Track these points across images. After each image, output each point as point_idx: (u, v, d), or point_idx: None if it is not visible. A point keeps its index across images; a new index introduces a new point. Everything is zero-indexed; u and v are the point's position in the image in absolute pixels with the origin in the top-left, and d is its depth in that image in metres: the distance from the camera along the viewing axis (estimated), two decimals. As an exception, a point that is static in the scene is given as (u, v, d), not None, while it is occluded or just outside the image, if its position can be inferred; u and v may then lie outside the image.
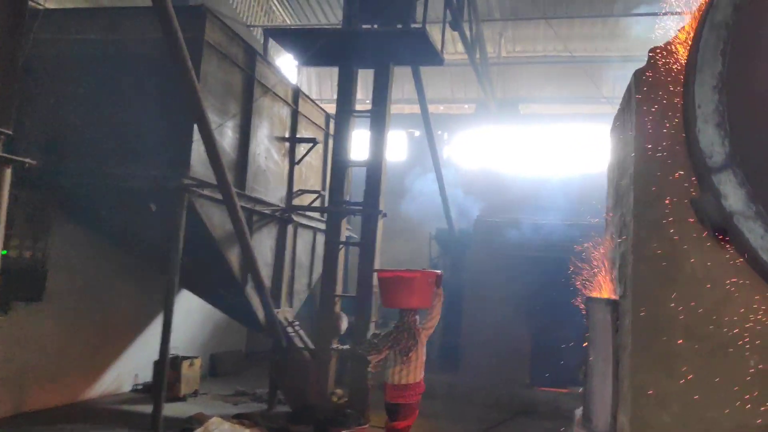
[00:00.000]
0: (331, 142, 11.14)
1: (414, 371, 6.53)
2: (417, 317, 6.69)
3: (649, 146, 3.53)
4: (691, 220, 3.41)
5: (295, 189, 10.03)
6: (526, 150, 16.41)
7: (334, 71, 19.17)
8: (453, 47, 16.76)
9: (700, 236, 3.41)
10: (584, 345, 4.91)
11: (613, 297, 4.25)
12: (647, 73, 3.63)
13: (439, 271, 7.03)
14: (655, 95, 3.56)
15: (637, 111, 3.62)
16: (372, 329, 9.24)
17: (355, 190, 10.30)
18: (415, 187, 16.45)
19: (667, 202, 3.48)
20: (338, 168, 9.45)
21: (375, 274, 6.94)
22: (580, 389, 11.64)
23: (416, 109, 17.85)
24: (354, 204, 9.50)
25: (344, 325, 9.39)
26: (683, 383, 3.42)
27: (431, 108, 18.24)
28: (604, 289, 4.75)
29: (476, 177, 15.30)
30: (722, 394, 3.34)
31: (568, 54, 16.93)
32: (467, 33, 11.87)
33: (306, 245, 10.72)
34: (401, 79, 13.65)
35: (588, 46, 17.29)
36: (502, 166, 16.31)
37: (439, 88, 18.47)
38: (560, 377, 11.80)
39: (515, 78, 17.45)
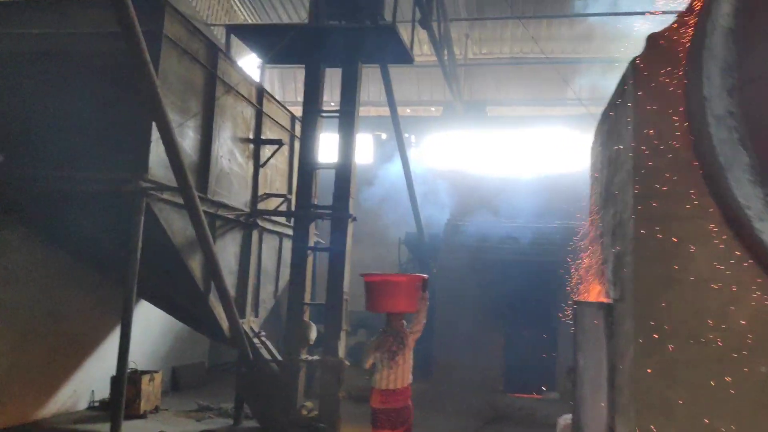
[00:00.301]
0: (297, 144, 10.83)
1: (402, 376, 6.62)
2: (404, 321, 6.77)
3: (650, 137, 3.31)
4: (697, 217, 3.20)
5: (260, 193, 9.66)
6: (495, 152, 16.32)
7: (298, 73, 19.01)
8: (419, 48, 16.60)
9: (707, 234, 3.19)
10: (574, 351, 4.70)
11: (606, 300, 4.02)
12: (646, 60, 3.42)
13: (425, 275, 7.01)
14: (655, 83, 3.34)
15: (635, 101, 3.40)
16: (342, 338, 8.92)
17: (322, 193, 9.98)
18: (382, 190, 16.23)
19: (670, 197, 3.26)
20: (305, 170, 9.11)
21: (362, 278, 6.84)
22: (553, 394, 11.59)
23: (382, 111, 17.66)
24: (322, 208, 9.16)
25: (313, 334, 9.03)
26: (690, 392, 3.20)
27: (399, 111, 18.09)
28: (593, 291, 4.53)
29: (445, 180, 15.09)
30: (732, 403, 3.13)
31: (535, 55, 16.94)
32: (435, 32, 11.68)
33: (272, 251, 10.35)
34: (366, 80, 13.38)
35: (555, 47, 17.29)
36: (471, 169, 16.18)
37: (405, 91, 18.26)
38: (535, 383, 11.66)
39: (481, 80, 17.37)
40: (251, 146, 9.42)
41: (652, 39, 3.40)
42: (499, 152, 16.30)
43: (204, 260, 7.69)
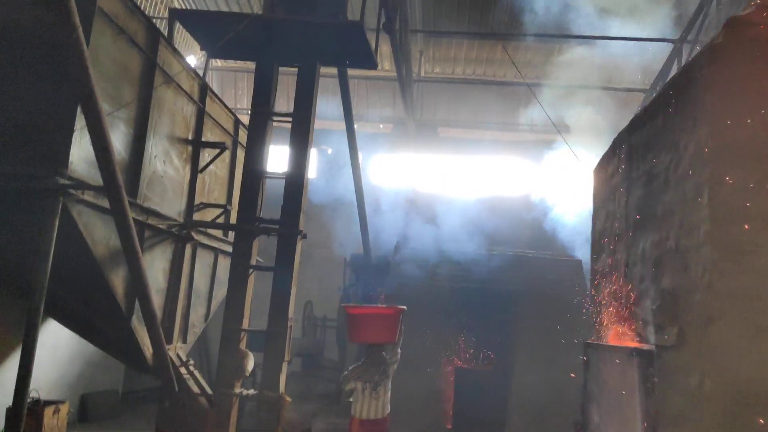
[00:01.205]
0: (240, 152, 9.90)
1: (383, 406, 7.21)
2: (384, 352, 7.41)
3: (732, 140, 2.65)
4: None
5: (196, 201, 8.65)
6: (447, 174, 15.81)
7: (239, 78, 18.01)
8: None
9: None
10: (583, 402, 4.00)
11: (643, 346, 3.33)
12: (722, 47, 2.77)
13: (404, 307, 7.77)
14: (738, 71, 2.69)
15: (710, 93, 2.74)
16: (284, 370, 7.97)
17: (265, 207, 9.07)
18: (327, 208, 15.41)
19: (757, 217, 2.60)
20: (251, 179, 8.19)
21: (345, 310, 7.93)
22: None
23: (328, 124, 16.91)
24: (268, 222, 8.24)
25: (250, 364, 8.03)
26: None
27: (343, 126, 17.34)
28: (613, 333, 3.85)
29: (394, 200, 14.42)
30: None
31: (489, 78, 16.62)
32: (398, 39, 11.04)
33: (206, 269, 9.30)
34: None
35: (508, 72, 17.02)
36: (421, 189, 15.59)
37: (354, 104, 17.57)
38: (485, 421, 10.98)
39: (434, 99, 16.87)
40: (190, 149, 8.43)
41: (735, 23, 2.76)
42: (453, 174, 15.80)
43: (129, 276, 6.63)
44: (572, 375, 7.89)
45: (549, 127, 16.73)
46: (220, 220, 9.37)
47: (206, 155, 8.90)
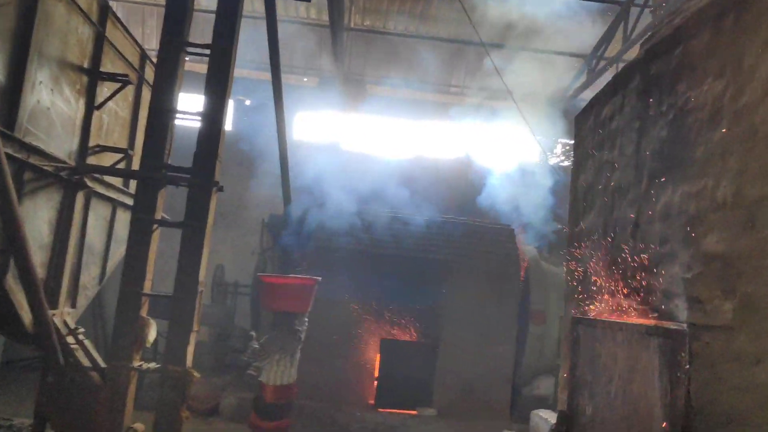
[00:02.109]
0: (146, 91, 8.69)
1: (294, 371, 7.78)
2: (296, 320, 7.86)
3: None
4: None
5: (92, 143, 7.43)
6: (375, 134, 14.99)
7: (149, 13, 16.33)
8: (294, 9, 14.87)
9: None
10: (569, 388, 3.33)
11: (667, 323, 2.65)
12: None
13: (318, 278, 8.44)
14: None
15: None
16: (192, 342, 7.01)
17: (176, 157, 7.97)
18: (243, 164, 14.32)
19: None
20: (159, 119, 7.08)
21: (261, 279, 8.23)
22: (430, 410, 10.38)
23: (246, 72, 15.70)
24: (178, 170, 7.16)
25: (152, 334, 7.03)
26: None
27: (265, 75, 16.15)
28: (615, 307, 3.18)
29: (319, 159, 13.47)
30: None
31: (423, 35, 15.81)
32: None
33: (101, 223, 8.11)
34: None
35: (442, 29, 16.25)
36: (349, 149, 14.73)
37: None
38: (408, 397, 10.42)
39: (363, 54, 15.86)
40: (85, 79, 7.18)
41: None
42: (380, 134, 15.00)
43: (1, 225, 5.47)
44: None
45: (484, 90, 16.24)
46: (121, 166, 8.18)
47: (105, 90, 7.66)
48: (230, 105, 14.65)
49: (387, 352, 10.54)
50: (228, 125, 14.82)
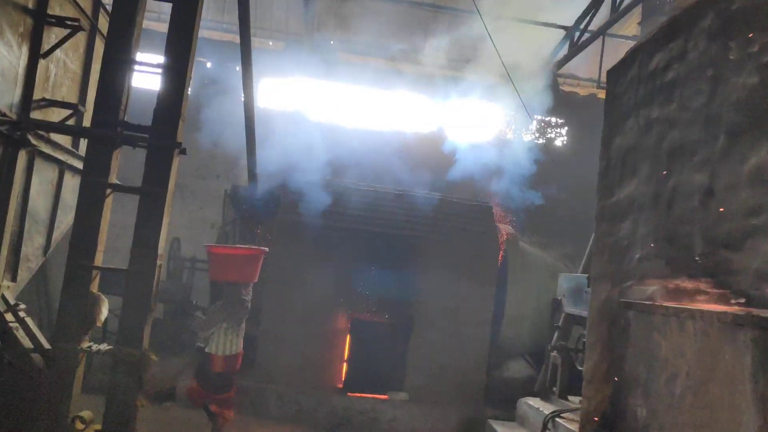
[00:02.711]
0: (99, 43, 7.89)
1: (240, 342, 7.78)
2: (243, 290, 7.76)
3: None
4: None
5: (37, 96, 6.63)
6: (346, 103, 14.31)
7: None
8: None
9: None
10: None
11: (762, 311, 2.14)
12: None
13: (266, 248, 8.34)
14: None
15: None
16: (149, 321, 6.33)
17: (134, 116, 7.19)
18: (203, 130, 13.45)
19: None
20: (114, 68, 6.30)
21: (208, 249, 8.15)
22: (401, 394, 9.88)
23: (206, 33, 14.79)
24: (135, 129, 6.41)
25: (103, 312, 6.32)
26: None
27: (227, 37, 15.27)
28: (675, 290, 2.66)
29: (285, 128, 12.74)
30: None
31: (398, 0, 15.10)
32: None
33: (47, 187, 7.32)
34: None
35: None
36: (318, 119, 14.02)
37: (235, 14, 15.46)
38: (379, 381, 9.92)
39: (333, 17, 15.07)
40: (29, 21, 6.35)
41: None
42: (350, 102, 14.33)
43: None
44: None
45: (457, 61, 15.68)
46: (72, 123, 7.37)
47: (53, 37, 6.84)
48: (190, 67, 13.91)
49: (357, 332, 10.01)
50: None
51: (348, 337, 10.00)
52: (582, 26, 12.41)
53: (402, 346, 10.01)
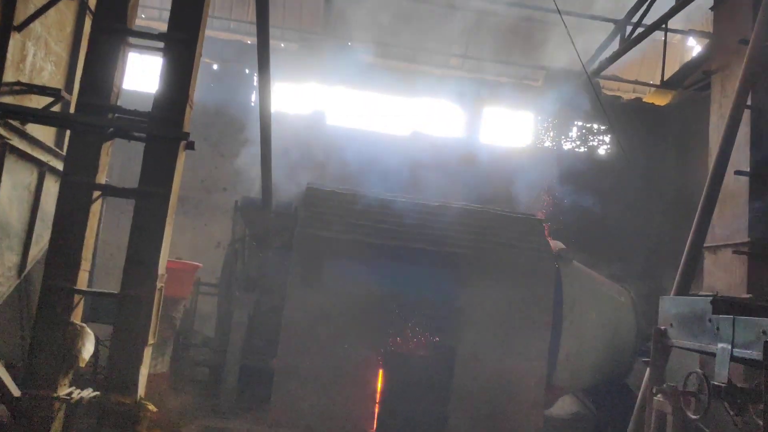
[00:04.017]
0: (88, 20, 6.70)
1: (167, 359, 8.21)
2: None
3: None
4: None
5: (10, 78, 5.42)
6: (373, 108, 13.13)
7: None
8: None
9: None
10: None
11: None
12: None
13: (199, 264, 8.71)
14: None
15: None
16: (146, 359, 5.04)
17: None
18: (208, 139, 12.32)
19: None
20: (105, 41, 5.09)
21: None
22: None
23: (213, 33, 13.77)
24: (131, 115, 5.17)
25: (87, 348, 5.02)
26: None
27: (235, 37, 14.17)
28: None
29: (302, 133, 11.56)
30: None
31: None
32: None
33: (22, 193, 6.07)
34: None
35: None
36: (339, 123, 12.81)
37: (244, 12, 14.39)
38: (417, 425, 8.53)
39: (358, 13, 13.84)
40: (-1, -17, 5.15)
41: None
42: (374, 105, 13.16)
43: None
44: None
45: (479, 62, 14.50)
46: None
47: (31, 7, 5.64)
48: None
49: (391, 367, 8.65)
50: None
51: (380, 372, 8.65)
52: (634, 20, 11.19)
53: (443, 384, 8.65)
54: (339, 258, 8.67)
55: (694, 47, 14.87)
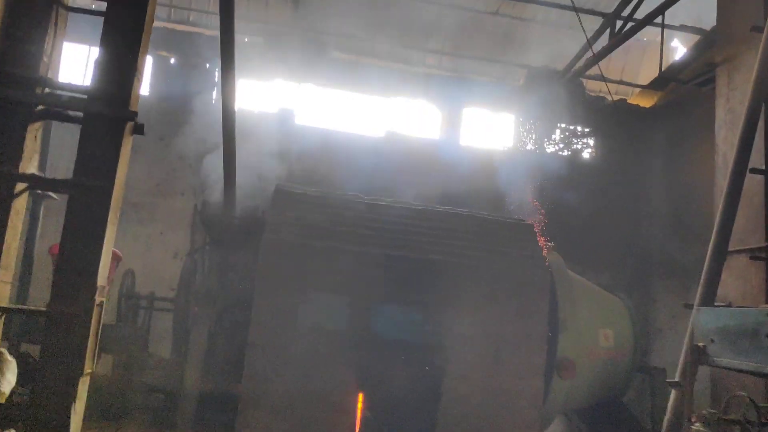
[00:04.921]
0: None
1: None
2: None
3: None
4: None
5: None
6: (340, 105, 12.37)
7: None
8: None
9: None
10: None
11: None
12: None
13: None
14: None
15: None
16: (82, 390, 4.12)
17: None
18: (164, 139, 11.37)
19: None
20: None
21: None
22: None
23: (168, 24, 12.88)
24: (66, 89, 4.27)
25: (8, 378, 4.07)
26: None
27: (194, 29, 13.28)
28: None
29: (266, 130, 10.68)
30: None
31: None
32: None
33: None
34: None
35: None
36: (311, 122, 12.02)
37: (205, 1, 13.48)
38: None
39: (329, 6, 13.03)
40: None
41: None
42: (346, 103, 12.41)
43: None
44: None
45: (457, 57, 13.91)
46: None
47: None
48: (148, 63, 11.83)
49: (371, 389, 7.81)
50: (145, 88, 11.94)
51: (360, 395, 7.79)
52: (623, 13, 10.61)
53: (431, 405, 7.84)
54: (309, 268, 7.81)
55: (678, 48, 14.46)
